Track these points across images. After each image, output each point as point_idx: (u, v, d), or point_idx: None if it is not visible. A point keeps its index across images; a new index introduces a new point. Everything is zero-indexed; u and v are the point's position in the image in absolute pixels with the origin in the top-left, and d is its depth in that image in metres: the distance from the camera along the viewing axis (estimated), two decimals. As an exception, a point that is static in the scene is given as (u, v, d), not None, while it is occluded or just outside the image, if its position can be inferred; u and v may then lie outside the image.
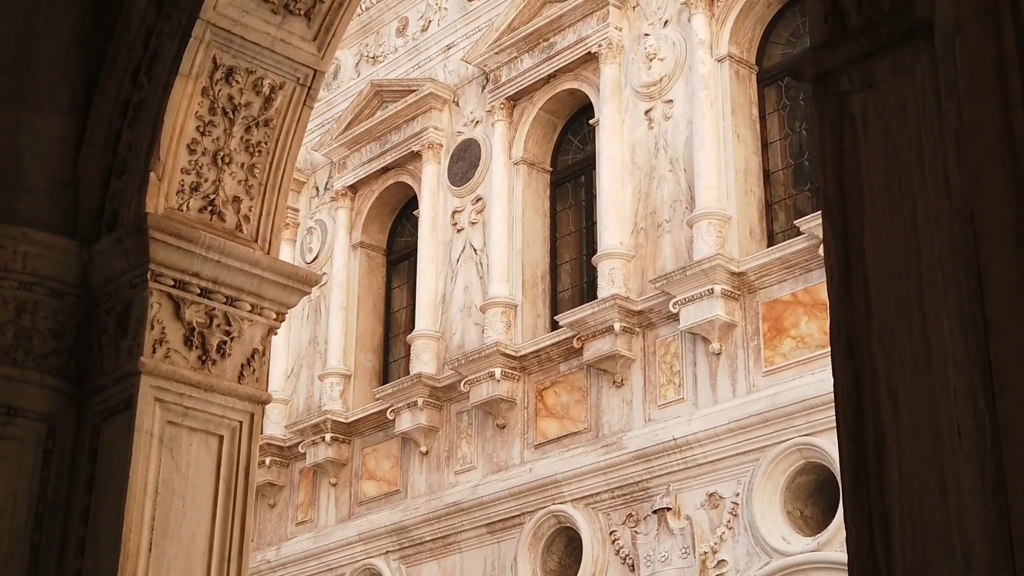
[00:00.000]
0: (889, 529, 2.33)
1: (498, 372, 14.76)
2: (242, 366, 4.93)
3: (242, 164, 5.04)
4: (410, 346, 16.34)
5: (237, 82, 5.02)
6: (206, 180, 4.97)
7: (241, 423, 4.83)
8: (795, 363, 12.56)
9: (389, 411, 15.97)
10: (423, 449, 15.79)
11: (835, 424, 2.62)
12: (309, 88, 5.17)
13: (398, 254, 17.94)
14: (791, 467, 12.31)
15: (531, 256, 15.61)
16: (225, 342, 4.91)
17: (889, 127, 2.59)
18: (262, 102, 5.08)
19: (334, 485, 16.80)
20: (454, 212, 16.55)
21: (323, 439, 16.61)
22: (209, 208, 4.96)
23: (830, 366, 9.07)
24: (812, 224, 12.49)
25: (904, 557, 2.33)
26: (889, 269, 2.47)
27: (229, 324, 4.93)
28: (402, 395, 15.80)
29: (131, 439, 4.54)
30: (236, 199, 5.01)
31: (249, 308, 5.00)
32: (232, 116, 5.00)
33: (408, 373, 16.17)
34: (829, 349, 9.05)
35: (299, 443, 17.07)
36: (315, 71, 5.18)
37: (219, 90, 4.99)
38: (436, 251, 16.51)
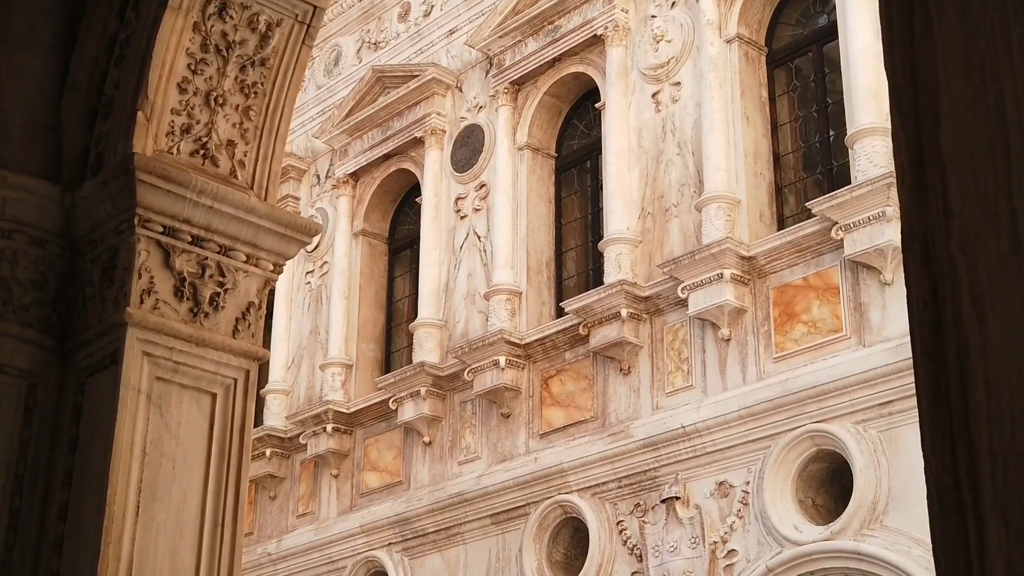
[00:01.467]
0: (976, 457, 2.03)
1: (502, 360, 14.49)
2: (236, 320, 4.60)
3: (236, 106, 4.70)
4: (412, 335, 16.09)
5: (231, 17, 4.68)
6: (198, 122, 4.63)
7: (235, 380, 4.51)
8: (806, 348, 12.29)
9: (391, 401, 15.71)
10: (426, 439, 15.53)
11: (910, 341, 2.27)
12: (308, 26, 4.81)
13: (400, 242, 17.71)
14: (802, 455, 12.05)
15: (536, 242, 15.35)
16: (218, 294, 4.57)
17: (967, 8, 2.28)
18: (258, 40, 4.73)
19: (336, 476, 16.55)
20: (457, 199, 16.29)
21: (324, 430, 16.36)
22: (201, 152, 4.61)
23: (842, 351, 8.71)
24: (823, 207, 12.24)
25: (994, 488, 2.02)
26: (971, 165, 2.18)
27: (223, 275, 4.59)
28: (404, 385, 15.54)
29: (117, 396, 4.22)
30: (230, 143, 4.67)
31: (244, 258, 4.67)
32: (226, 54, 4.66)
33: (411, 362, 15.91)
34: (842, 334, 8.69)
35: (300, 434, 16.82)
36: (315, 7, 4.82)
37: (212, 26, 4.64)
38: (439, 238, 16.26)
